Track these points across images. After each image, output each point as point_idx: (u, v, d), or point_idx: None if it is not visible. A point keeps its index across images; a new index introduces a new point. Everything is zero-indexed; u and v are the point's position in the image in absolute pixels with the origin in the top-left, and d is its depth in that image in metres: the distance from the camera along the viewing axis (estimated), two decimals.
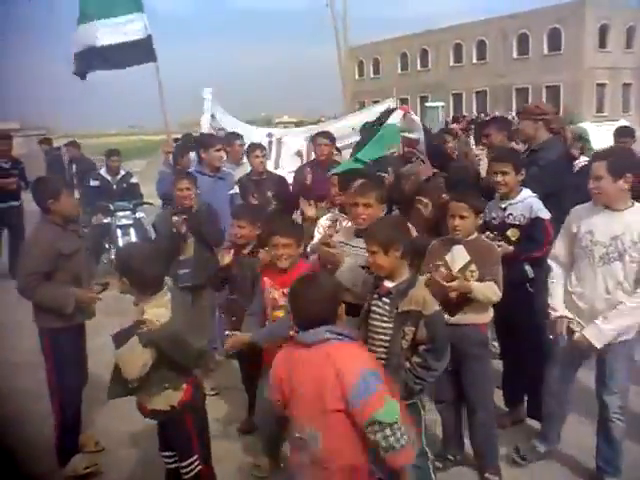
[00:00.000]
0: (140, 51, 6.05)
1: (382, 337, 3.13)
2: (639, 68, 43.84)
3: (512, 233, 4.03)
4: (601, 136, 6.97)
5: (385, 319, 3.13)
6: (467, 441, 3.98)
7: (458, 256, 3.66)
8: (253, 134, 7.63)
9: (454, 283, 3.54)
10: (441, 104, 38.17)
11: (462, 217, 3.63)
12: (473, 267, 3.61)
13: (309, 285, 2.63)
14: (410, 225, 3.66)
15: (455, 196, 3.82)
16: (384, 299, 3.15)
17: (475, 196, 3.82)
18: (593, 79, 42.66)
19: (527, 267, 4.02)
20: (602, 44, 42.83)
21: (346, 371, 2.40)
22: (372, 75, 56.87)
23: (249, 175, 6.15)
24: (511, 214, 4.05)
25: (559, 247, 3.76)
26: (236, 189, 6.03)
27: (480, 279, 3.59)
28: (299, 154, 7.73)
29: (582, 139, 6.13)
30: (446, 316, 3.47)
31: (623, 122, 9.58)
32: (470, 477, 3.90)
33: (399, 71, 54.09)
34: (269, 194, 5.94)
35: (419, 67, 52.86)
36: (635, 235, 3.37)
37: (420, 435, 3.17)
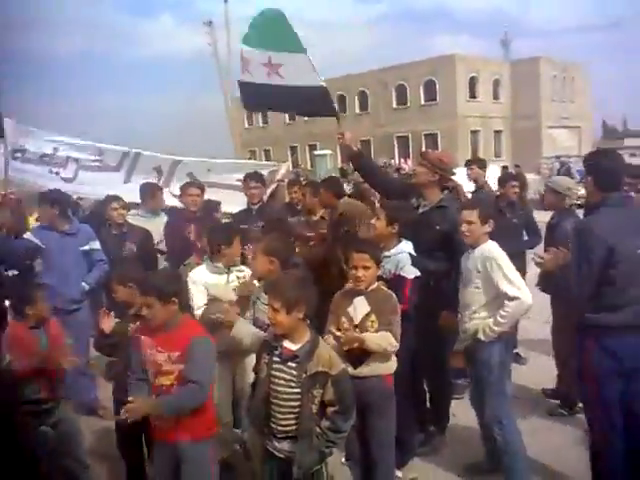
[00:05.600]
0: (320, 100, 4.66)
1: (291, 403, 2.98)
2: (507, 117, 47.50)
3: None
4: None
5: (292, 384, 2.97)
6: None
7: (360, 307, 3.63)
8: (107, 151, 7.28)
9: (344, 336, 3.47)
10: (329, 152, 39.27)
11: (365, 268, 3.60)
12: (373, 317, 3.58)
13: None
14: None
15: (356, 247, 3.75)
16: (289, 363, 2.99)
17: (375, 245, 3.83)
18: (467, 127, 45.58)
19: None
20: (472, 95, 46.08)
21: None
22: (261, 124, 57.48)
23: (108, 229, 5.93)
24: (382, 266, 4.01)
25: None
26: (91, 245, 5.55)
27: (379, 329, 3.56)
28: (158, 170, 7.39)
29: None
30: (350, 369, 3.41)
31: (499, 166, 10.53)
32: None
33: (287, 120, 55.10)
34: (132, 246, 5.75)
35: (306, 117, 53.95)
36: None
37: None
